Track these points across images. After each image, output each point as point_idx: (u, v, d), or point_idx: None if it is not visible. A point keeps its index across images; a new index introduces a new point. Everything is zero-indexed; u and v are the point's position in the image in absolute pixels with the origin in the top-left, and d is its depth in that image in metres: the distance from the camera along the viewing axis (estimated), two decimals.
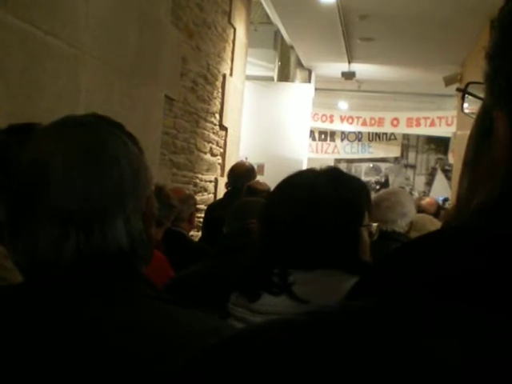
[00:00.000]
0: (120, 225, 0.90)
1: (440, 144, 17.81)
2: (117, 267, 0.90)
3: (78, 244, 0.87)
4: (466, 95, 0.54)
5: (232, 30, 6.52)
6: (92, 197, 0.88)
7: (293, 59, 10.74)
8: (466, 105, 0.55)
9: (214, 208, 4.49)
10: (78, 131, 0.92)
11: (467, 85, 0.54)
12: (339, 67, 10.67)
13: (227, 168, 5.56)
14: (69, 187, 0.87)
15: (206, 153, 5.93)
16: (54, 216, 0.87)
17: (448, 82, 10.13)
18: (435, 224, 4.27)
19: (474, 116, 0.51)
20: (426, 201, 6.26)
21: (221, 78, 6.24)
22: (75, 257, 0.87)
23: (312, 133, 12.26)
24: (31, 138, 0.92)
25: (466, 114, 0.54)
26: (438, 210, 6.30)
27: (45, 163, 0.88)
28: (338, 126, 13.10)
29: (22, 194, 0.89)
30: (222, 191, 5.83)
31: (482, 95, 0.49)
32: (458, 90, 0.57)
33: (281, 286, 1.33)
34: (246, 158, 7.27)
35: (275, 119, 8.93)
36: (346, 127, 13.16)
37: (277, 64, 10.11)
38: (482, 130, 0.48)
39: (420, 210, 5.12)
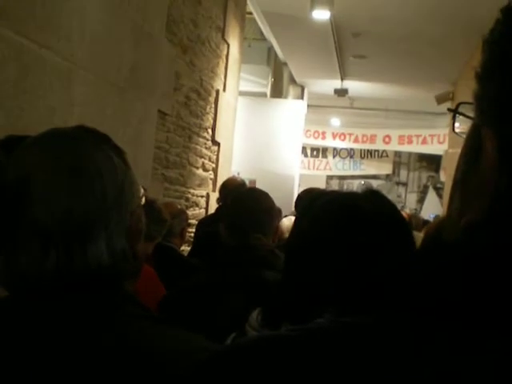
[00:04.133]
0: (101, 242, 0.88)
1: (432, 162, 17.91)
2: (97, 285, 0.89)
3: (58, 262, 0.86)
4: (457, 115, 0.55)
5: (226, 46, 6.55)
6: (73, 213, 0.86)
7: (286, 76, 10.80)
8: (457, 124, 0.55)
9: (206, 223, 4.48)
10: (61, 145, 0.91)
11: (458, 105, 0.54)
12: (332, 84, 10.74)
13: (219, 183, 5.56)
14: (50, 204, 0.86)
15: (198, 168, 5.93)
16: (35, 233, 0.86)
17: (440, 100, 10.20)
18: None
19: (465, 136, 0.52)
20: None
21: (214, 94, 6.25)
22: (55, 275, 0.86)
23: (304, 149, 12.33)
24: (16, 152, 0.91)
25: (456, 133, 0.55)
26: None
27: (27, 179, 0.87)
28: (330, 142, 13.18)
29: (4, 209, 0.88)
30: (213, 206, 5.82)
31: (472, 115, 0.50)
32: (449, 110, 0.58)
33: None
34: (238, 174, 7.29)
35: (268, 135, 8.95)
36: (338, 144, 13.24)
37: (270, 80, 10.16)
38: (472, 149, 0.49)
39: None
